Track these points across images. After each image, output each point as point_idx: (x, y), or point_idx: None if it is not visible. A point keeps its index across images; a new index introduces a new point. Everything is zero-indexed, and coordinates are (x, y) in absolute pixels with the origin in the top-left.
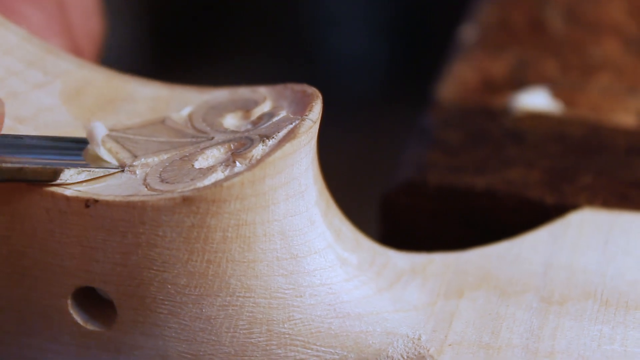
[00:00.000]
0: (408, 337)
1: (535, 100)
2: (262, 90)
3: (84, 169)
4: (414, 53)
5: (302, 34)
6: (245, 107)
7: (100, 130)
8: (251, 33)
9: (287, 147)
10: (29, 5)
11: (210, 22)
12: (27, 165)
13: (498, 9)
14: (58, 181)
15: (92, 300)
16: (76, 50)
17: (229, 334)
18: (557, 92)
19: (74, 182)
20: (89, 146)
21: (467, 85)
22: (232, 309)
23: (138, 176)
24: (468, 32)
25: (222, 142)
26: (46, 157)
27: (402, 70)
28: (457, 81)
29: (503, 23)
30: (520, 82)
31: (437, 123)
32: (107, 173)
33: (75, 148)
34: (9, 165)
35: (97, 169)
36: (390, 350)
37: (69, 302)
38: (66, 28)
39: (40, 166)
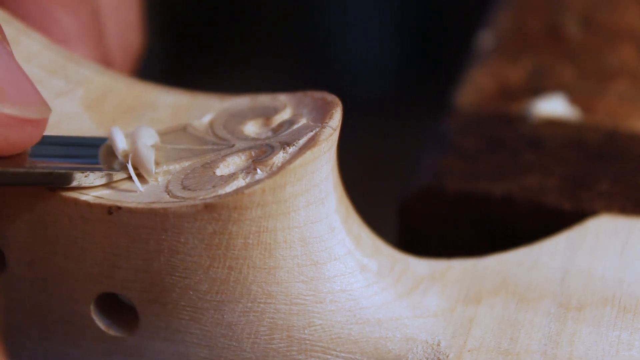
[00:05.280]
0: (427, 343)
1: (553, 106)
2: (283, 98)
3: (103, 172)
4: (430, 59)
5: (318, 40)
6: (266, 115)
7: (118, 137)
8: (268, 39)
9: (308, 154)
10: (63, 10)
11: (224, 30)
12: (35, 170)
13: (515, 15)
14: (74, 184)
15: (114, 306)
16: (106, 61)
17: (250, 340)
18: (574, 98)
19: (95, 185)
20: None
21: (485, 92)
22: (253, 315)
23: (160, 183)
24: (485, 39)
25: (243, 150)
26: (66, 161)
27: (418, 77)
28: (474, 88)
29: (520, 30)
30: (537, 88)
31: (455, 129)
32: (124, 177)
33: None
34: (18, 170)
35: (116, 172)
36: (410, 357)
37: (92, 308)
38: (98, 38)
39: (48, 170)
